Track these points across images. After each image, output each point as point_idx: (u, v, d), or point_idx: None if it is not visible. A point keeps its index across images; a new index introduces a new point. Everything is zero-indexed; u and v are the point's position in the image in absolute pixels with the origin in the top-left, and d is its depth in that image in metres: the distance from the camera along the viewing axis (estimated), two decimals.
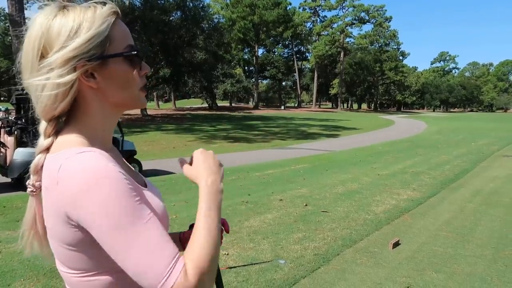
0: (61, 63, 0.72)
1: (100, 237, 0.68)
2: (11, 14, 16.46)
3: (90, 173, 0.68)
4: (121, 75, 0.79)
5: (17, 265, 3.63)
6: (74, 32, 0.73)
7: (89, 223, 0.68)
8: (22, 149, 6.76)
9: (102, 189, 0.67)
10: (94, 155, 0.71)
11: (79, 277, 0.77)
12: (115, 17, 0.78)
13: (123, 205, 0.68)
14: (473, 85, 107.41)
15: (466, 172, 9.38)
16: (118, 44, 0.78)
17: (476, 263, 3.93)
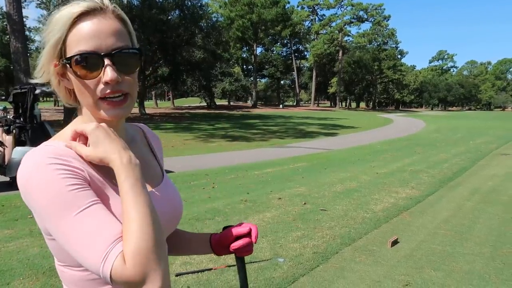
0: (42, 65, 0.80)
1: (46, 227, 0.71)
2: (9, 12, 16.41)
3: (29, 165, 0.70)
4: (74, 79, 0.78)
5: (16, 264, 3.63)
6: (45, 39, 0.78)
7: (36, 217, 0.72)
8: (21, 148, 6.74)
9: (33, 183, 0.68)
10: (47, 148, 0.73)
11: (62, 267, 0.80)
12: (75, 19, 0.75)
13: (53, 196, 0.67)
14: (471, 84, 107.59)
15: (464, 170, 9.40)
16: (72, 48, 0.76)
17: (475, 261, 3.94)
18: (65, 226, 0.67)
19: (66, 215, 0.67)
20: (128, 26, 0.81)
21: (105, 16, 0.76)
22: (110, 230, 0.66)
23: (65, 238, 0.67)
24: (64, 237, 0.67)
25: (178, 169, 9.02)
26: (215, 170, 9.03)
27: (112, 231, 0.66)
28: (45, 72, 0.80)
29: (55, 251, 0.78)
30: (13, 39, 16.60)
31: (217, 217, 5.21)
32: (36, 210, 0.70)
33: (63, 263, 0.78)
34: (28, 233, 4.46)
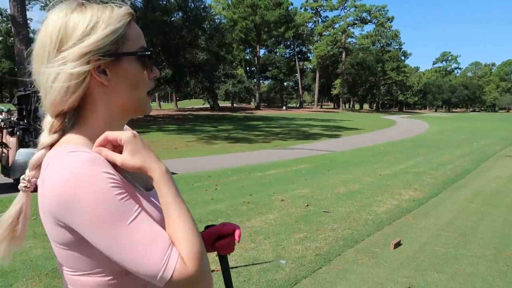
0: (76, 56, 0.73)
1: (92, 240, 0.69)
2: (13, 15, 16.52)
3: (70, 176, 0.67)
4: (132, 74, 0.79)
5: (19, 265, 3.65)
6: (91, 27, 0.74)
7: (78, 227, 0.69)
8: (24, 150, 6.78)
9: (83, 194, 0.66)
10: (81, 155, 0.70)
11: (76, 276, 0.77)
12: (131, 18, 0.80)
13: (106, 207, 0.67)
14: (476, 85, 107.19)
15: (468, 172, 9.36)
16: (132, 44, 0.79)
17: (478, 263, 3.93)
18: (119, 235, 0.67)
19: (119, 225, 0.67)
20: None
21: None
22: (162, 237, 0.70)
23: (118, 248, 0.68)
24: (117, 246, 0.68)
25: (181, 171, 9.03)
26: (218, 171, 9.04)
27: (164, 237, 0.70)
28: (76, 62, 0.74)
29: (70, 260, 0.76)
30: (17, 42, 16.70)
31: (219, 219, 5.21)
32: (80, 224, 0.68)
33: (80, 271, 0.76)
34: (31, 234, 4.47)
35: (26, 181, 0.77)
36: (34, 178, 0.77)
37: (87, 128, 0.80)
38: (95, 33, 0.74)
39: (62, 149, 0.73)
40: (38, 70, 0.76)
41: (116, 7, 0.78)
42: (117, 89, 0.79)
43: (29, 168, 0.78)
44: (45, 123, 0.79)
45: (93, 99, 0.79)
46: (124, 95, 0.80)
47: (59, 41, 0.74)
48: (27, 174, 0.78)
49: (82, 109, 0.80)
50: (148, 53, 0.81)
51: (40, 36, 0.76)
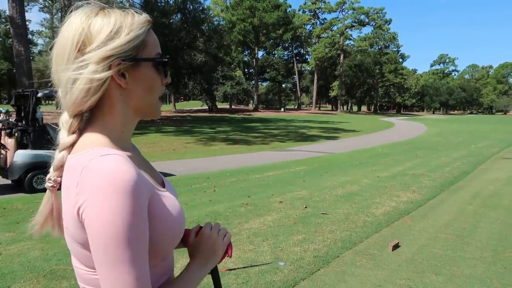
0: (99, 59, 0.75)
1: (91, 243, 0.69)
2: (12, 16, 16.50)
3: (109, 178, 0.68)
4: (148, 79, 0.82)
5: (17, 266, 3.63)
6: (115, 32, 0.76)
7: (87, 226, 0.69)
8: (23, 151, 6.77)
9: (113, 200, 0.67)
10: (117, 158, 0.72)
11: (92, 275, 0.78)
12: (150, 26, 0.83)
13: (125, 226, 0.67)
14: (473, 88, 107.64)
15: (466, 174, 9.38)
16: (150, 50, 0.82)
17: (476, 265, 3.94)
18: (117, 258, 0.68)
19: (124, 248, 0.68)
20: None
21: None
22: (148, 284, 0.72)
23: (108, 266, 0.68)
24: (107, 264, 0.68)
25: (179, 172, 9.02)
26: (216, 173, 9.03)
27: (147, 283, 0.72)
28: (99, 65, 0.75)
29: (89, 260, 0.76)
30: (16, 43, 16.70)
31: (218, 220, 5.21)
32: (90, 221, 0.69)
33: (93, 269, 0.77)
34: (29, 236, 4.46)
35: (52, 180, 0.80)
36: (59, 177, 0.80)
37: (105, 128, 0.81)
38: (119, 37, 0.76)
39: (93, 152, 0.74)
40: (58, 70, 0.78)
41: (136, 14, 0.81)
42: (133, 92, 0.81)
43: (53, 168, 0.80)
44: (62, 123, 0.81)
45: (111, 100, 0.80)
46: (139, 98, 0.83)
47: (81, 42, 0.75)
48: (52, 174, 0.80)
49: (98, 110, 0.81)
50: (165, 60, 0.84)
51: (62, 36, 0.77)
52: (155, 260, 0.81)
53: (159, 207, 0.78)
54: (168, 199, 0.82)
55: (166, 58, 0.84)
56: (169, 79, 0.88)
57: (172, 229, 0.81)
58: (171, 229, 0.80)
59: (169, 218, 0.80)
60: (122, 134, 0.84)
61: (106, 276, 0.69)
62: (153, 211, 0.76)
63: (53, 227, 0.85)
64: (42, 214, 0.84)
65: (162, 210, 0.79)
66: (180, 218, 0.84)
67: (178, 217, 0.83)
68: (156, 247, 0.78)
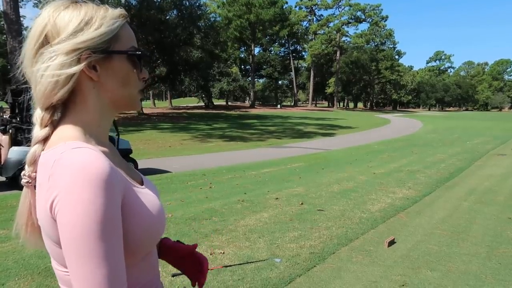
0: (67, 51, 0.73)
1: (62, 238, 0.67)
2: (6, 11, 16.36)
3: (80, 171, 0.66)
4: (122, 72, 0.81)
5: (11, 264, 3.62)
6: (84, 23, 0.75)
7: (59, 220, 0.67)
8: (17, 148, 6.72)
9: (85, 193, 0.65)
10: (89, 151, 0.70)
11: (66, 274, 0.75)
12: (124, 20, 0.82)
13: (97, 219, 0.65)
14: (468, 84, 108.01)
15: (461, 170, 9.43)
16: (124, 43, 0.81)
17: (471, 261, 3.96)
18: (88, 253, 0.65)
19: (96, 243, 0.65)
20: None
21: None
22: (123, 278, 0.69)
23: (78, 262, 0.65)
24: (77, 259, 0.65)
25: (175, 169, 9.00)
26: (212, 170, 9.02)
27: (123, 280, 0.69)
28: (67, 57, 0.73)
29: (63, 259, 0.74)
30: (10, 38, 16.54)
31: (214, 217, 5.20)
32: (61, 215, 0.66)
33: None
34: None
35: (27, 176, 0.78)
36: (33, 172, 0.77)
37: (79, 122, 0.79)
38: (88, 30, 0.75)
39: (65, 145, 0.72)
40: (27, 63, 0.77)
41: (110, 8, 0.80)
42: (107, 85, 0.80)
43: (27, 164, 0.78)
44: (35, 117, 0.80)
45: (83, 93, 0.79)
46: (114, 91, 0.81)
47: (48, 35, 0.74)
48: (27, 170, 0.78)
49: (71, 103, 0.79)
50: (138, 53, 0.82)
51: (31, 30, 0.76)
52: (133, 259, 0.78)
53: (135, 204, 0.76)
54: (146, 196, 0.81)
55: (139, 52, 0.83)
56: (145, 74, 0.86)
57: (150, 227, 0.78)
58: (148, 227, 0.78)
59: (146, 215, 0.78)
60: (98, 129, 0.82)
61: (78, 272, 0.65)
62: (128, 208, 0.74)
63: (36, 230, 0.81)
64: (22, 214, 0.81)
65: (139, 207, 0.77)
66: (159, 216, 0.81)
67: (157, 215, 0.80)
68: (133, 245, 0.75)
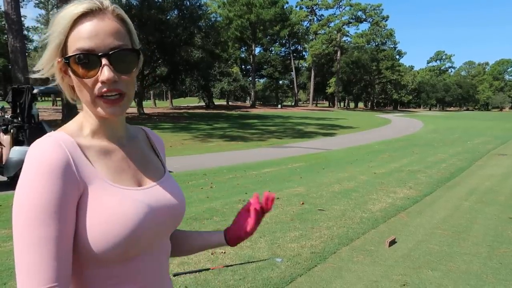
0: (46, 61, 0.79)
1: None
2: (7, 11, 16.39)
3: (33, 158, 0.70)
4: (74, 76, 0.79)
5: (13, 263, 3.61)
6: (49, 30, 0.78)
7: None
8: (19, 148, 6.73)
9: (30, 180, 0.68)
10: (49, 142, 0.73)
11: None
12: (78, 19, 0.76)
13: (36, 205, 0.67)
14: (469, 84, 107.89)
15: (462, 170, 9.42)
16: (71, 46, 0.77)
17: (472, 261, 3.96)
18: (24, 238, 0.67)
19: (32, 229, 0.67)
20: (128, 25, 0.82)
21: (104, 16, 0.77)
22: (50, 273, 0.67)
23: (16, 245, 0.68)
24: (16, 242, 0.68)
25: (176, 169, 9.01)
26: (213, 170, 9.03)
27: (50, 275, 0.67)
28: (50, 68, 0.80)
29: None
30: (11, 39, 16.58)
31: (215, 217, 5.21)
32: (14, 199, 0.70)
33: None
34: None
35: None
36: None
37: (79, 118, 0.85)
38: (51, 42, 0.78)
39: (45, 135, 0.76)
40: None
41: (68, 8, 0.77)
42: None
43: None
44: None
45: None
46: (79, 95, 0.82)
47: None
48: None
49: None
50: (78, 54, 0.75)
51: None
52: (92, 265, 0.76)
53: (95, 205, 0.74)
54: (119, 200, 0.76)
55: (78, 54, 0.75)
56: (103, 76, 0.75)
57: (105, 231, 0.73)
58: (104, 231, 0.73)
59: (103, 217, 0.73)
60: (99, 127, 0.84)
61: (15, 255, 0.68)
62: (84, 206, 0.73)
63: None
64: None
65: (97, 207, 0.74)
66: (124, 225, 0.74)
67: (121, 223, 0.74)
68: (87, 246, 0.73)
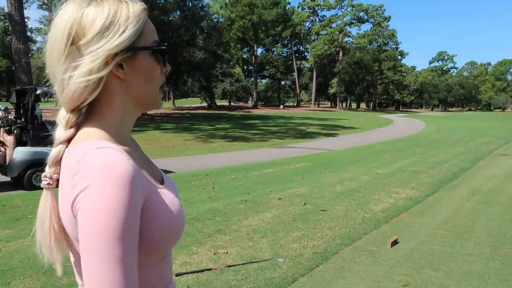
0: (96, 57, 0.72)
1: (80, 237, 0.65)
2: (11, 13, 16.46)
3: (103, 171, 0.65)
4: (147, 68, 0.79)
5: (16, 263, 3.64)
6: (109, 22, 0.73)
7: (79, 219, 0.66)
8: (22, 148, 6.77)
9: (107, 194, 0.64)
10: (112, 151, 0.69)
11: None
12: (146, 14, 0.80)
13: (117, 221, 0.64)
14: (471, 85, 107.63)
15: (464, 171, 9.41)
16: (147, 38, 0.79)
17: (474, 261, 3.96)
18: (104, 253, 0.64)
19: (114, 244, 0.64)
20: None
21: None
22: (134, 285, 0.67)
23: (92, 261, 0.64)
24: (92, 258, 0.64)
25: (178, 170, 9.03)
26: (215, 170, 9.04)
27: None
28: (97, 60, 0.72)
29: None
30: (14, 40, 16.65)
31: (217, 217, 5.22)
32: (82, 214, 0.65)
33: None
34: (28, 233, 4.47)
35: (48, 178, 0.75)
36: (55, 174, 0.75)
37: (103, 121, 0.78)
38: (114, 29, 0.73)
39: (89, 144, 0.71)
40: (52, 64, 0.75)
41: (130, 3, 0.77)
42: (132, 83, 0.78)
43: (49, 164, 0.76)
44: (59, 118, 0.77)
45: (109, 93, 0.77)
46: (139, 89, 0.80)
47: (74, 35, 0.72)
48: (48, 171, 0.75)
49: (97, 102, 0.77)
50: (163, 47, 0.81)
51: (54, 29, 0.74)
52: (153, 258, 0.78)
53: (157, 205, 0.76)
54: (166, 196, 0.81)
55: (164, 46, 0.81)
56: (168, 67, 0.84)
57: (171, 226, 0.78)
58: (170, 226, 0.78)
59: (167, 215, 0.78)
60: (121, 127, 0.81)
61: (91, 271, 0.64)
62: (150, 210, 0.73)
63: (56, 237, 0.78)
64: (45, 218, 0.78)
65: (160, 209, 0.76)
66: (180, 215, 0.82)
67: (177, 215, 0.81)
68: (154, 245, 0.75)
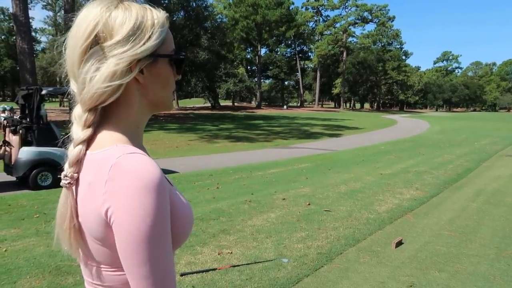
0: (122, 62, 0.73)
1: (120, 242, 0.69)
2: (16, 13, 16.55)
3: (139, 177, 0.68)
4: (164, 74, 0.82)
5: (22, 262, 3.67)
6: (137, 27, 0.75)
7: (117, 225, 0.68)
8: (27, 148, 6.81)
9: (145, 199, 0.67)
10: (143, 157, 0.72)
11: (111, 273, 0.77)
12: (168, 23, 0.84)
13: (156, 224, 0.68)
14: (476, 85, 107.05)
15: (469, 171, 9.37)
16: (167, 46, 0.82)
17: (479, 262, 3.94)
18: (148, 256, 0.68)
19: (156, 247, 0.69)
20: None
21: None
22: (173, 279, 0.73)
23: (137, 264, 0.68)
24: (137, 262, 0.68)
25: (182, 170, 9.05)
26: (219, 170, 9.05)
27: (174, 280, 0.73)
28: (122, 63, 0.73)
29: (109, 258, 0.75)
30: (19, 40, 16.74)
31: (221, 217, 5.23)
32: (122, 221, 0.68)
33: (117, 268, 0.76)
34: (34, 232, 4.50)
35: (68, 177, 0.76)
36: (75, 173, 0.76)
37: (121, 124, 0.80)
38: (140, 35, 0.75)
39: (118, 149, 0.73)
40: (73, 62, 0.75)
41: (154, 10, 0.80)
42: (149, 87, 0.81)
43: (69, 164, 0.76)
44: (75, 115, 0.78)
45: (128, 95, 0.78)
46: (155, 93, 0.82)
47: (101, 35, 0.73)
48: (68, 170, 0.76)
49: (115, 104, 0.78)
50: (181, 57, 0.86)
51: (79, 27, 0.74)
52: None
53: (176, 204, 0.78)
54: (178, 196, 0.83)
55: (182, 55, 0.86)
56: (180, 76, 0.89)
57: (186, 225, 0.81)
58: (185, 226, 0.81)
59: (184, 214, 0.80)
60: (137, 130, 0.83)
61: (136, 275, 0.69)
62: (172, 208, 0.75)
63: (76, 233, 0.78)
64: (65, 217, 0.77)
65: (178, 207, 0.79)
66: (191, 214, 0.84)
67: (191, 214, 0.84)
68: (174, 242, 0.77)
